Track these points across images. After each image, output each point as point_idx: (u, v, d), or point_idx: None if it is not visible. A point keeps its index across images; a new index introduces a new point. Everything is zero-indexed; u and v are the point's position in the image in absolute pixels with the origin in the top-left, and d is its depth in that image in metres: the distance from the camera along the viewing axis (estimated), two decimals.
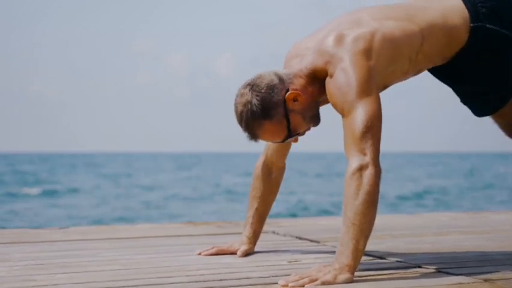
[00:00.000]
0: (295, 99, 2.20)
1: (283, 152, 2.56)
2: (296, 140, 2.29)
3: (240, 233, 2.71)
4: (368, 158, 2.06)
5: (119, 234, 3.24)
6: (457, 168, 46.69)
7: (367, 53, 2.16)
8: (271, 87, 2.18)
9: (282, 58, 2.43)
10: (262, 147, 2.60)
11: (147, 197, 21.84)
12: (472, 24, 2.31)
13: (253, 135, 2.22)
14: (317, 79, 2.23)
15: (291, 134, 2.23)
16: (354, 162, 2.06)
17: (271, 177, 2.58)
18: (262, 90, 2.18)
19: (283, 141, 2.25)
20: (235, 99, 2.22)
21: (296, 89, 2.21)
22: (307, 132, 2.30)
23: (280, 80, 2.21)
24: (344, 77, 2.13)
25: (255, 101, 2.17)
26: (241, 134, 2.25)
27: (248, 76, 2.25)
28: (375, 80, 2.16)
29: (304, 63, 2.24)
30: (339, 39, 2.19)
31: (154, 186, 26.97)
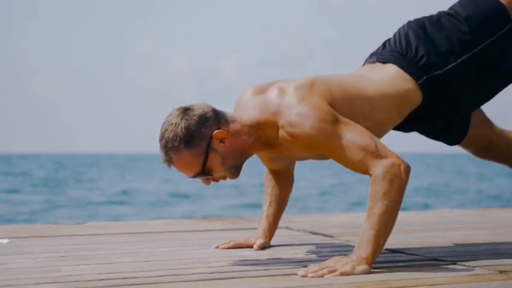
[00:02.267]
0: (221, 140, 2.14)
1: None
2: (208, 183, 2.20)
3: (253, 229, 2.76)
4: (392, 158, 2.09)
5: (135, 229, 3.29)
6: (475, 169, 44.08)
7: (313, 95, 2.16)
8: (203, 118, 2.13)
9: (284, 59, 2.43)
10: None
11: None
12: (419, 82, 2.31)
13: (168, 158, 2.13)
14: (258, 132, 2.19)
15: (204, 172, 2.15)
16: (381, 166, 2.08)
17: (279, 172, 2.62)
18: (194, 117, 2.12)
19: (193, 177, 2.17)
20: (166, 117, 2.16)
21: (228, 131, 2.16)
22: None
23: (216, 116, 2.16)
24: (307, 119, 2.11)
25: (182, 125, 2.11)
26: None
27: (249, 76, 2.26)
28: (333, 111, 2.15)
29: (249, 114, 2.21)
30: (282, 91, 2.19)
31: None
